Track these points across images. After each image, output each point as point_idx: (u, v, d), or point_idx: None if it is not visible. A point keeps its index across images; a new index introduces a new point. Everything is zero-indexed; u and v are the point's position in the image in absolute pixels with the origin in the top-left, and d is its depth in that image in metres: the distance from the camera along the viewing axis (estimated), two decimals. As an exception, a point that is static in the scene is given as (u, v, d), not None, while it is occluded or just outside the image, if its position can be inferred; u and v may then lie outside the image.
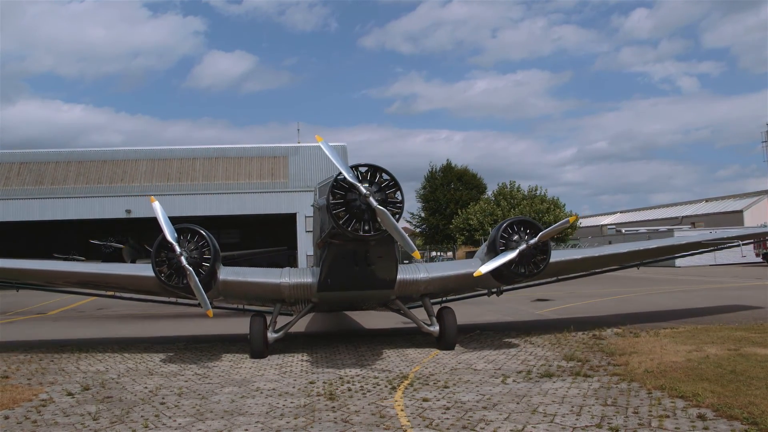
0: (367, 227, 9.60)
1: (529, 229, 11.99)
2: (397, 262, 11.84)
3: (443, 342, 12.44)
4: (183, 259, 10.89)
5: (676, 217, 69.41)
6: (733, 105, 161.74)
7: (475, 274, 11.58)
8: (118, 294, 14.64)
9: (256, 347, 12.06)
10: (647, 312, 18.01)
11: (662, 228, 53.92)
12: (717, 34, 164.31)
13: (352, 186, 9.38)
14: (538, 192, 51.92)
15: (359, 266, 11.04)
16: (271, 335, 12.30)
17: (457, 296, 15.25)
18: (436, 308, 13.24)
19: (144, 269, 12.50)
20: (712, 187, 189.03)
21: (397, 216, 9.66)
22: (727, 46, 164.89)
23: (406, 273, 12.65)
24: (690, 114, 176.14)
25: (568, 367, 9.89)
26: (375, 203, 9.22)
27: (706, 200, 73.03)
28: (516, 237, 11.89)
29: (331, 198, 9.57)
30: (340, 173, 9.48)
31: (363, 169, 9.66)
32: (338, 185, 9.61)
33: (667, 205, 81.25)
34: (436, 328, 12.58)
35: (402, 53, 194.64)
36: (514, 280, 12.47)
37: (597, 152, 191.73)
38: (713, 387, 8.00)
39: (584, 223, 77.52)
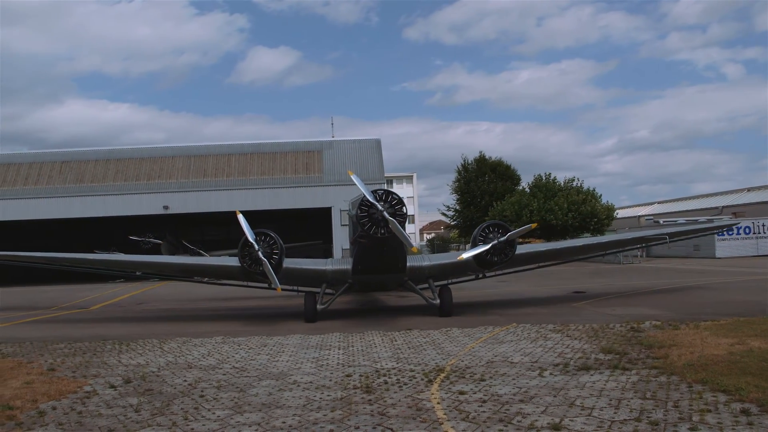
0: (383, 231, 14.04)
1: (500, 230, 16.18)
2: (406, 254, 16.25)
3: (443, 311, 16.59)
4: (260, 253, 15.38)
5: (716, 207, 67.53)
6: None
7: (458, 258, 16.93)
8: (207, 281, 20.66)
9: (309, 315, 16.42)
10: (687, 304, 17.64)
11: (702, 218, 52.38)
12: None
13: (372, 204, 13.93)
14: (574, 183, 51.19)
15: (379, 257, 15.81)
16: (319, 307, 16.61)
17: (457, 280, 19.14)
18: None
19: (231, 261, 17.72)
20: (757, 175, 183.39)
21: (402, 223, 14.08)
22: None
23: (414, 261, 17.35)
24: (737, 100, 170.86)
25: (606, 360, 9.77)
26: (387, 215, 13.79)
27: (748, 189, 70.84)
28: (491, 235, 16.09)
29: (358, 212, 14.27)
30: (365, 196, 13.96)
31: (380, 192, 14.25)
32: (363, 203, 14.19)
33: (708, 195, 78.95)
34: (437, 301, 16.77)
35: (445, 44, 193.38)
36: (492, 267, 16.95)
37: (638, 142, 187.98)
38: (758, 381, 7.78)
39: (622, 214, 76.01)
